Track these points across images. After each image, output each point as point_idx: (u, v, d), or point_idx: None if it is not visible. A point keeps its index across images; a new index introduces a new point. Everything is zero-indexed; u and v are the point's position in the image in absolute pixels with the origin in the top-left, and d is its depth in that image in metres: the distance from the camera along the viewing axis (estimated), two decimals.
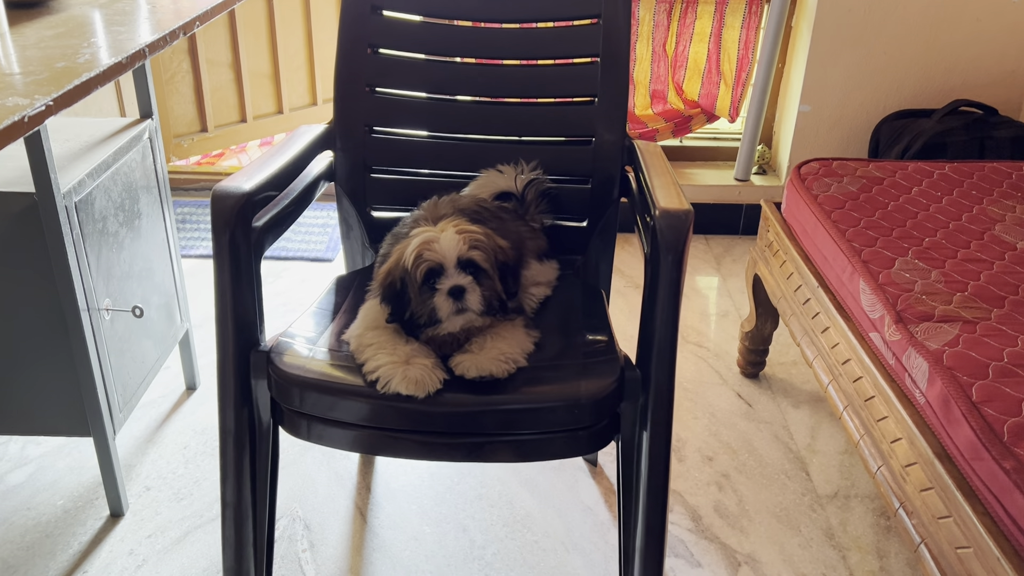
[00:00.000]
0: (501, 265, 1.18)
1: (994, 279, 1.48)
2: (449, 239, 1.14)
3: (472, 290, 1.15)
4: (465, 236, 1.14)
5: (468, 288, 1.15)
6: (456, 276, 1.15)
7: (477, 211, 1.38)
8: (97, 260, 1.54)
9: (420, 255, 1.14)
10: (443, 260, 1.14)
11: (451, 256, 1.14)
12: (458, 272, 1.15)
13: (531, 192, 1.51)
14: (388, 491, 1.76)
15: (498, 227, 1.37)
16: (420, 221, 1.34)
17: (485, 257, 1.15)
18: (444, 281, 1.15)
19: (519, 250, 1.29)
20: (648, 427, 1.24)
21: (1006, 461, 1.10)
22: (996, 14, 2.51)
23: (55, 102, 0.85)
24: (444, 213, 1.34)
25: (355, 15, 1.55)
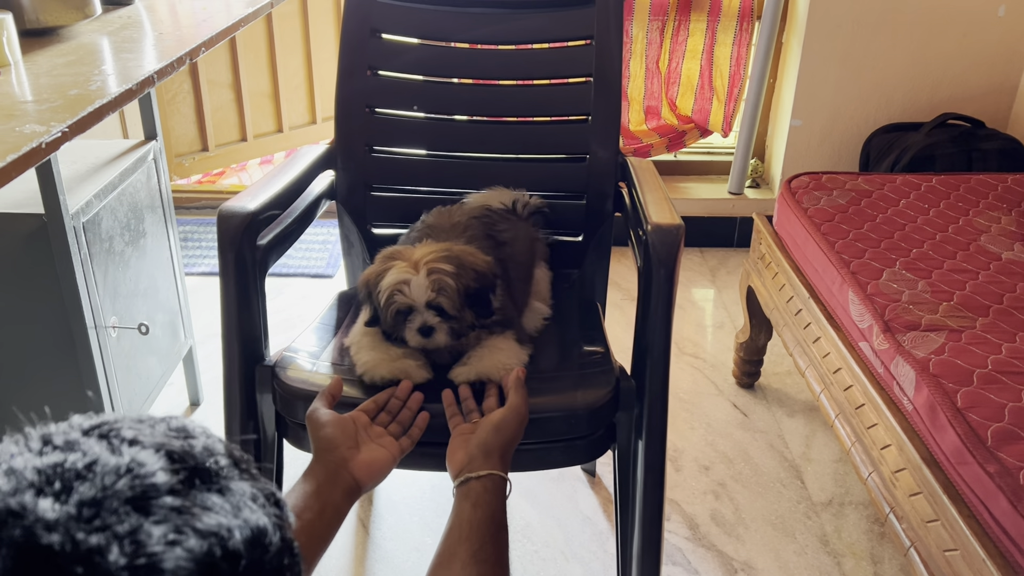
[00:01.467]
0: (475, 291, 1.21)
1: (979, 289, 1.52)
2: (419, 285, 1.16)
3: (440, 328, 1.19)
4: (434, 280, 1.17)
5: (436, 327, 1.19)
6: (425, 315, 1.19)
7: (487, 215, 1.42)
8: (104, 279, 1.57)
9: (391, 297, 1.18)
10: (412, 303, 1.18)
11: (420, 300, 1.17)
12: (427, 311, 1.18)
13: (522, 209, 1.55)
14: (390, 503, 1.79)
15: (508, 227, 1.42)
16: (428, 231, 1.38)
17: (451, 302, 1.18)
18: (414, 318, 1.19)
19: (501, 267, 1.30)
20: (643, 436, 1.27)
21: (990, 465, 1.13)
22: (982, 29, 2.56)
23: (70, 128, 0.88)
24: (457, 220, 1.39)
25: (355, 39, 1.60)
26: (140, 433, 0.42)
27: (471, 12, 1.60)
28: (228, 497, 0.41)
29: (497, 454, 1.04)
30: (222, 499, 0.40)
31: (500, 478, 1.01)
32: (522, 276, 1.41)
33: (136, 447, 0.41)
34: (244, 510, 0.41)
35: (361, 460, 1.04)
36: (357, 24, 1.59)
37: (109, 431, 0.42)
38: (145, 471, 0.39)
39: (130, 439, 0.41)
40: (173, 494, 0.39)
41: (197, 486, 0.40)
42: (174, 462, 0.41)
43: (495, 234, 1.39)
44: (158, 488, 0.39)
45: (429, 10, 1.60)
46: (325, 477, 0.99)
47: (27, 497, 0.36)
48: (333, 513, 0.97)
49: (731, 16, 2.63)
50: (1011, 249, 1.66)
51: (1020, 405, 1.22)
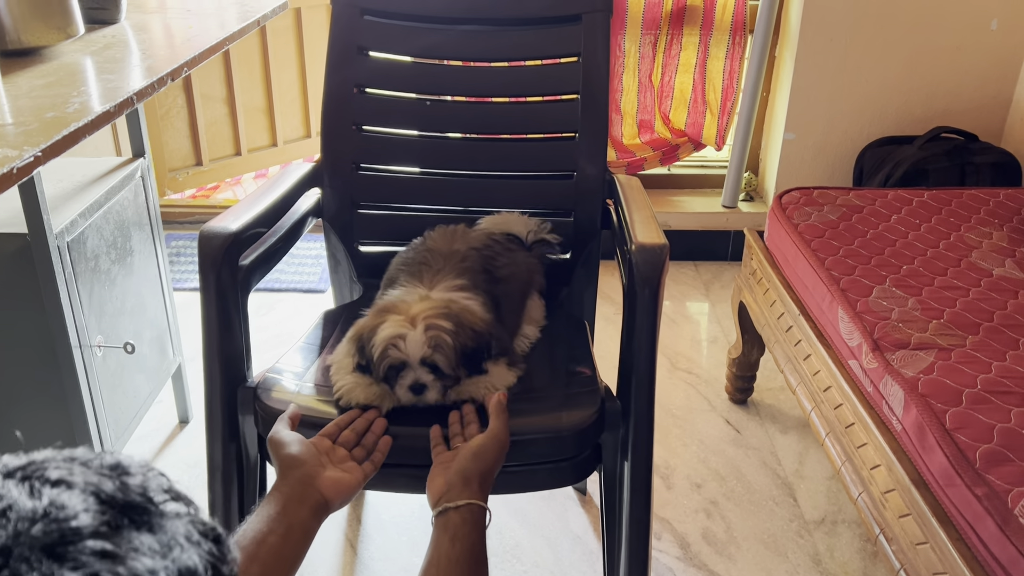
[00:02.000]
0: (472, 351, 1.19)
1: (970, 306, 1.51)
2: (415, 341, 1.14)
3: (432, 387, 1.17)
4: (431, 336, 1.14)
5: (428, 385, 1.17)
6: (419, 372, 1.16)
7: (489, 245, 1.41)
8: (89, 298, 1.56)
9: (386, 351, 1.15)
10: (407, 359, 1.15)
11: (415, 356, 1.14)
12: (421, 368, 1.16)
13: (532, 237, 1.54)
14: (379, 522, 1.78)
15: (507, 263, 1.41)
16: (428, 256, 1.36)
17: (447, 361, 1.15)
18: (407, 375, 1.16)
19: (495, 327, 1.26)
20: (629, 457, 1.26)
21: (978, 488, 1.12)
22: (976, 42, 2.55)
23: (43, 153, 0.88)
24: (457, 248, 1.37)
25: (342, 56, 1.59)
26: (68, 473, 0.41)
27: (458, 30, 1.60)
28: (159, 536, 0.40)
29: (476, 481, 1.03)
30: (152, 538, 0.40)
31: (479, 507, 1.00)
32: (515, 309, 1.40)
33: (59, 488, 0.40)
34: (175, 550, 0.40)
35: (328, 477, 1.03)
36: (344, 41, 1.59)
37: (33, 472, 0.41)
38: (65, 514, 0.38)
39: (54, 480, 0.40)
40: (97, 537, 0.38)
41: (126, 526, 0.40)
42: (102, 503, 0.40)
43: (492, 269, 1.37)
44: (79, 531, 0.38)
45: (416, 28, 1.60)
46: (291, 495, 0.98)
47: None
48: (301, 533, 0.95)
49: (724, 30, 2.63)
50: (1002, 265, 1.65)
51: (1009, 426, 1.21)
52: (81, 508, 0.39)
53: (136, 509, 0.41)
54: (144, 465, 0.45)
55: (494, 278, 1.36)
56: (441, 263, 1.34)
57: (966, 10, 2.51)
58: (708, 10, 2.62)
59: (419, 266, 1.34)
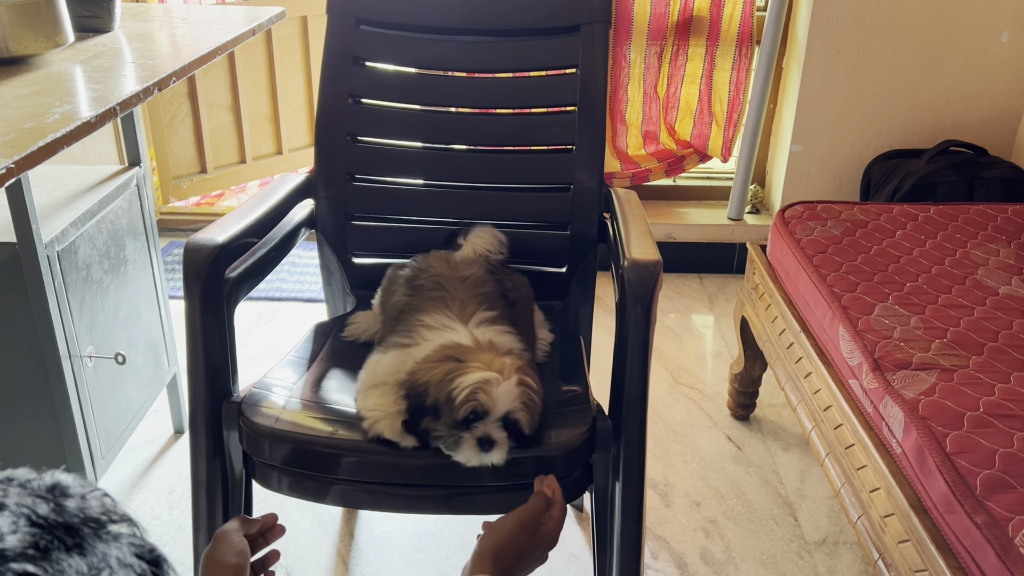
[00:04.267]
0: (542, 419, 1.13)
1: (974, 325, 1.47)
2: (506, 392, 1.07)
3: (501, 445, 1.09)
4: (522, 391, 1.08)
5: (499, 444, 1.09)
6: (494, 427, 1.08)
7: (494, 270, 1.38)
8: (80, 308, 1.55)
9: (474, 394, 1.07)
10: (491, 409, 1.08)
11: (501, 407, 1.07)
12: (497, 424, 1.08)
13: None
14: (371, 538, 1.75)
15: (513, 287, 1.39)
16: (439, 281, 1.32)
17: (530, 420, 1.09)
18: (480, 427, 1.08)
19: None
20: (620, 478, 1.23)
21: (978, 515, 1.08)
22: (985, 54, 2.52)
23: (16, 165, 0.86)
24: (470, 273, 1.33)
25: (337, 66, 1.58)
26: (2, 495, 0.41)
27: (454, 40, 1.58)
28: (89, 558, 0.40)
29: (489, 557, 0.98)
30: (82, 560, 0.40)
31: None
32: (528, 332, 1.37)
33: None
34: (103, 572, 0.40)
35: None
36: (339, 51, 1.58)
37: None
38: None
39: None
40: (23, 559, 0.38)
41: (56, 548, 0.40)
42: (33, 524, 0.40)
43: (506, 293, 1.35)
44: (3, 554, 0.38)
45: (411, 38, 1.58)
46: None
47: None
48: None
49: (730, 41, 2.60)
50: (1009, 283, 1.61)
51: (1011, 451, 1.17)
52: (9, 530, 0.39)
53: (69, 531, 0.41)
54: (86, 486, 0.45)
55: (508, 301, 1.34)
56: (459, 290, 1.30)
57: (976, 22, 2.47)
58: (715, 21, 2.59)
59: (438, 293, 1.30)
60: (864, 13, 2.46)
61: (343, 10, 1.57)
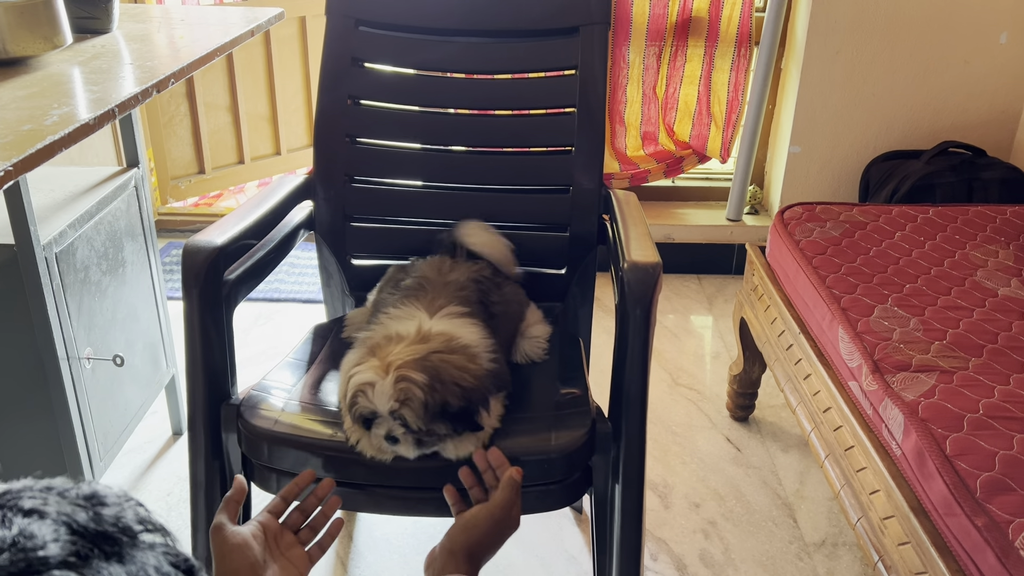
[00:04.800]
0: (458, 410, 1.12)
1: (973, 327, 1.47)
2: (383, 391, 1.08)
3: (404, 440, 1.11)
4: (401, 389, 1.08)
5: (400, 438, 1.11)
6: (389, 423, 1.11)
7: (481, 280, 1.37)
8: (78, 309, 1.55)
9: (355, 399, 1.11)
10: (375, 409, 1.10)
11: (383, 407, 1.09)
12: (391, 420, 1.10)
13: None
14: (370, 540, 1.75)
15: (500, 300, 1.38)
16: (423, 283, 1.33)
17: (415, 416, 1.09)
18: (379, 425, 1.12)
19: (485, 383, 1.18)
20: (620, 480, 1.23)
21: (978, 518, 1.08)
22: (984, 56, 2.52)
23: (15, 167, 0.86)
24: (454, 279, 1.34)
25: (336, 67, 1.57)
26: (43, 503, 0.42)
27: (454, 41, 1.58)
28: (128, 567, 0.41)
29: (462, 555, 0.98)
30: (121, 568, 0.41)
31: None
32: (506, 344, 1.37)
33: (31, 518, 0.41)
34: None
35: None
36: (338, 52, 1.57)
37: (7, 502, 0.42)
38: (33, 543, 0.39)
39: (27, 509, 0.41)
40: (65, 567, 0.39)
41: (96, 556, 0.41)
42: (73, 532, 0.41)
43: (488, 304, 1.34)
44: (47, 561, 0.39)
45: (411, 39, 1.58)
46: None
47: None
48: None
49: (729, 42, 2.60)
50: (1008, 285, 1.61)
51: (1011, 453, 1.17)
52: (51, 538, 0.40)
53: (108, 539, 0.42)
54: (121, 496, 0.46)
55: (489, 313, 1.33)
56: (439, 292, 1.30)
57: (975, 23, 2.47)
58: (713, 22, 2.59)
59: (416, 291, 1.30)
60: (863, 14, 2.46)
61: (342, 11, 1.57)
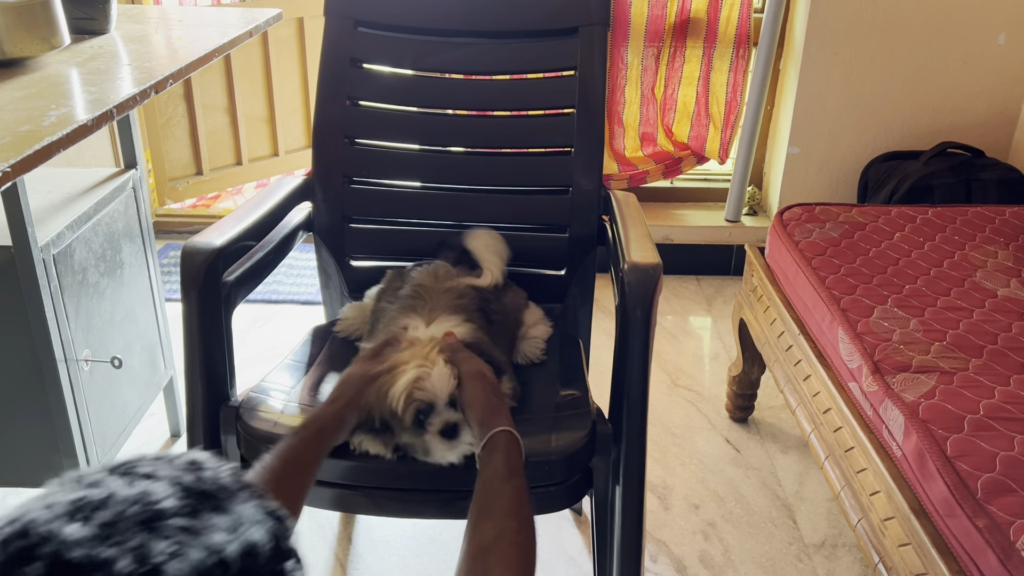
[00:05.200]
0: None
1: (973, 328, 1.47)
2: (440, 377, 1.06)
3: (464, 424, 1.09)
4: (454, 368, 1.08)
5: (461, 424, 1.08)
6: (447, 413, 1.08)
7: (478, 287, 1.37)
8: (76, 311, 1.54)
9: (411, 395, 1.07)
10: (434, 399, 1.07)
11: (443, 394, 1.07)
12: (448, 409, 1.08)
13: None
14: (369, 542, 1.74)
15: (498, 308, 1.38)
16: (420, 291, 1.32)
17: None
18: (435, 419, 1.08)
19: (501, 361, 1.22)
20: (621, 482, 1.23)
21: (979, 519, 1.08)
22: (983, 56, 2.52)
23: (12, 168, 0.85)
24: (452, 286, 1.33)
25: (335, 68, 1.57)
26: (156, 469, 0.52)
27: (453, 42, 1.58)
28: (231, 516, 0.50)
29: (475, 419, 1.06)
30: (224, 518, 0.50)
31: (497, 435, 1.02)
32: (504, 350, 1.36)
33: (148, 480, 0.50)
34: (240, 527, 0.50)
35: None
36: (337, 53, 1.57)
37: (129, 469, 0.52)
38: (153, 499, 0.49)
39: (144, 474, 0.51)
40: (179, 516, 0.48)
41: (204, 508, 0.50)
42: (183, 491, 0.50)
43: (488, 311, 1.34)
44: (165, 512, 0.48)
45: (410, 40, 1.57)
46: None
47: (57, 524, 0.46)
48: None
49: (727, 43, 2.60)
50: (1007, 286, 1.61)
51: (1012, 454, 1.17)
52: (165, 495, 0.49)
53: (210, 497, 0.51)
54: (217, 461, 0.55)
55: (489, 319, 1.33)
56: (436, 299, 1.29)
57: (973, 24, 2.47)
58: (712, 23, 2.59)
59: (414, 300, 1.30)
60: (861, 15, 2.46)
61: (341, 12, 1.56)
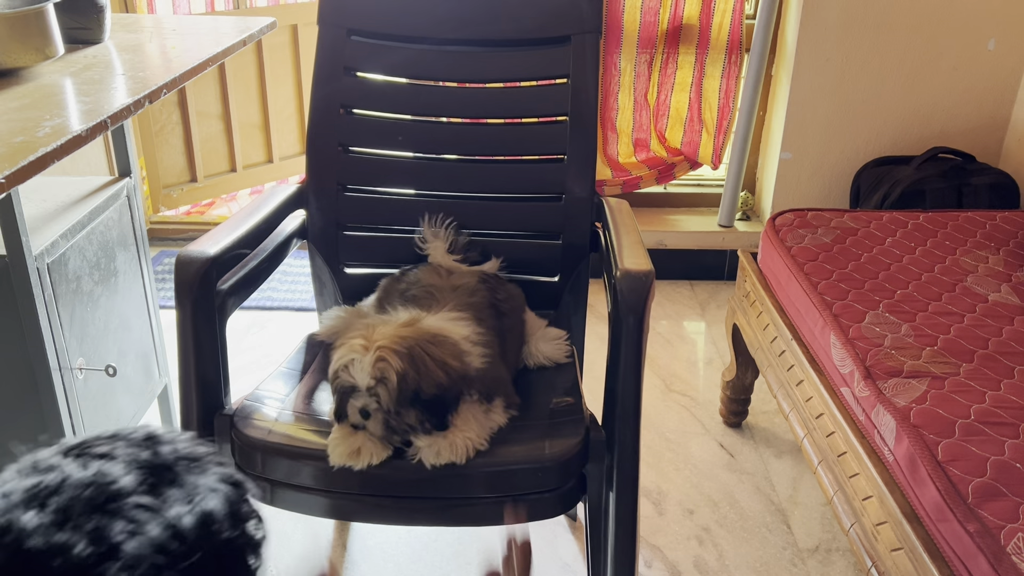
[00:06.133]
0: (431, 399, 1.14)
1: (964, 333, 1.48)
2: (362, 367, 1.12)
3: (375, 417, 1.14)
4: (378, 367, 1.11)
5: (372, 414, 1.14)
6: (365, 399, 1.14)
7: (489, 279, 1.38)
8: (70, 320, 1.54)
9: (337, 373, 1.14)
10: (355, 383, 1.14)
11: (362, 382, 1.13)
12: (367, 396, 1.14)
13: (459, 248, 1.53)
14: (364, 548, 1.74)
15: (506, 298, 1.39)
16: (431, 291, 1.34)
17: (388, 396, 1.12)
18: (357, 398, 1.14)
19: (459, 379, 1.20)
20: (614, 488, 1.23)
21: (970, 524, 1.09)
22: (973, 62, 2.54)
23: (7, 179, 0.86)
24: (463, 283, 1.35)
25: (328, 76, 1.58)
26: (112, 448, 0.52)
27: (446, 51, 1.58)
28: (186, 488, 0.51)
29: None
30: (180, 491, 0.50)
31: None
32: (516, 345, 1.37)
33: (103, 460, 0.50)
34: (196, 497, 0.50)
35: None
36: (330, 61, 1.58)
37: (84, 450, 0.51)
38: (109, 479, 0.49)
39: (100, 454, 0.51)
40: (136, 494, 0.49)
41: (161, 484, 0.50)
42: (139, 468, 0.51)
43: (498, 303, 1.35)
44: (122, 492, 0.49)
45: (403, 48, 1.58)
46: None
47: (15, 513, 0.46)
48: None
49: (720, 49, 2.61)
50: (998, 291, 1.62)
51: (1003, 459, 1.18)
52: (122, 473, 0.50)
53: (167, 470, 0.52)
54: (174, 433, 0.56)
55: (500, 312, 1.34)
56: (449, 297, 1.31)
57: (963, 30, 2.49)
58: (704, 29, 2.60)
59: (428, 301, 1.31)
60: (852, 21, 2.48)
61: (334, 20, 1.57)
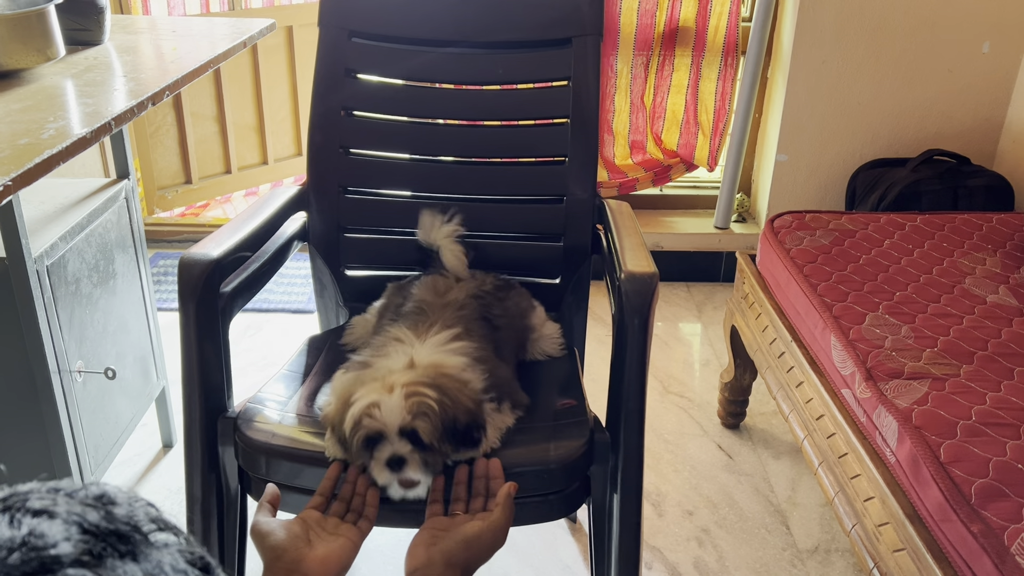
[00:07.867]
0: (463, 428, 1.09)
1: (963, 334, 1.49)
2: (392, 406, 1.03)
3: (411, 460, 1.05)
4: (413, 402, 1.04)
5: (408, 459, 1.05)
6: (396, 444, 1.05)
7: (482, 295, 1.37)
8: (69, 322, 1.53)
9: (359, 421, 1.05)
10: (383, 428, 1.04)
11: (393, 424, 1.03)
12: (399, 440, 1.05)
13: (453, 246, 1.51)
14: (364, 551, 1.73)
15: (502, 311, 1.38)
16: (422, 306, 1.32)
17: (431, 429, 1.04)
18: (383, 448, 1.05)
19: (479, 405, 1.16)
20: (619, 490, 1.23)
21: (974, 524, 1.09)
22: (968, 64, 2.55)
23: (14, 182, 0.85)
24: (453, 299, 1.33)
25: (329, 78, 1.57)
26: (51, 503, 0.41)
27: (448, 52, 1.58)
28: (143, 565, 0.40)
29: (459, 569, 0.98)
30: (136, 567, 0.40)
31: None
32: (511, 355, 1.37)
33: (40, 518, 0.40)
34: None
35: (316, 557, 0.98)
36: (331, 63, 1.57)
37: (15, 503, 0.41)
38: (44, 542, 0.38)
39: (36, 510, 0.41)
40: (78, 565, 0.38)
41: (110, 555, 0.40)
42: (85, 532, 0.40)
43: (491, 318, 1.34)
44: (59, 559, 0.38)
45: (405, 50, 1.58)
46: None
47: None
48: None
49: (716, 51, 2.62)
50: (996, 292, 1.63)
51: (1005, 459, 1.19)
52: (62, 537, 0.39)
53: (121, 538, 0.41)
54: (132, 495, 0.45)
55: (493, 326, 1.33)
56: (438, 313, 1.29)
57: (958, 33, 2.51)
58: (700, 31, 2.61)
59: (417, 317, 1.30)
60: (848, 24, 2.49)
61: (335, 23, 1.57)
